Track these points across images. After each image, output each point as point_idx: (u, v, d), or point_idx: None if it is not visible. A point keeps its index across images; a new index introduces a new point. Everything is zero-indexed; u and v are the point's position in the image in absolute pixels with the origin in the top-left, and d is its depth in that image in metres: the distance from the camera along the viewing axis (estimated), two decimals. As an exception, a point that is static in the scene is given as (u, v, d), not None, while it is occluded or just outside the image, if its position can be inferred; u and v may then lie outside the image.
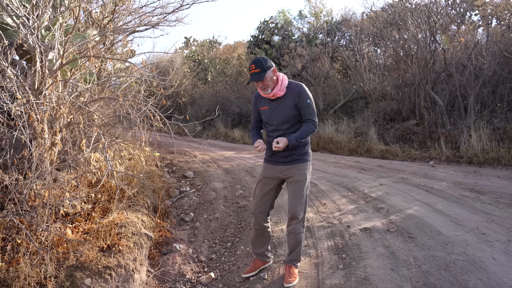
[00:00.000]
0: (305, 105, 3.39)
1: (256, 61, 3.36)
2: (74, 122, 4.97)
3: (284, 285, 3.41)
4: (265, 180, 3.64)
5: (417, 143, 10.12)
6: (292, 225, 3.47)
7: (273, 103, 3.49)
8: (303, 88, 3.45)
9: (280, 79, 3.42)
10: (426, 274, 3.28)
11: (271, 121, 3.52)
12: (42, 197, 4.15)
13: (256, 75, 3.32)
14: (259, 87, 3.41)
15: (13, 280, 3.40)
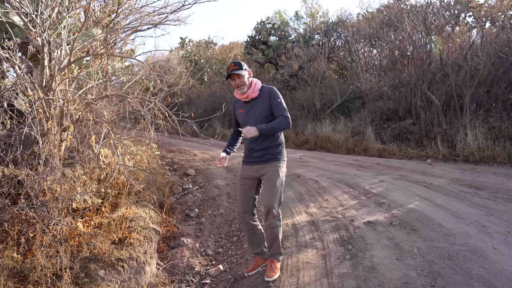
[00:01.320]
0: (275, 103, 3.61)
1: (235, 62, 3.62)
2: (82, 119, 5.06)
3: (265, 279, 3.56)
4: (243, 181, 3.81)
5: (414, 142, 10.29)
6: (269, 219, 3.54)
7: (247, 105, 3.73)
8: (274, 89, 3.72)
9: (254, 83, 3.70)
10: (430, 263, 3.42)
11: (246, 123, 3.68)
12: (54, 191, 4.24)
13: (234, 70, 3.56)
14: (235, 86, 3.63)
15: (29, 271, 3.49)
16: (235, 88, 3.67)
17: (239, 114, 3.79)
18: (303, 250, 4.10)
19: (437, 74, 11.08)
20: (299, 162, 9.08)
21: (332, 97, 14.36)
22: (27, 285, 3.40)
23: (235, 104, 3.89)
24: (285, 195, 6.14)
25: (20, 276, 3.51)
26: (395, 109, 11.88)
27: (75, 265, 3.72)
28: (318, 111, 13.92)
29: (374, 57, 13.70)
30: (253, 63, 19.09)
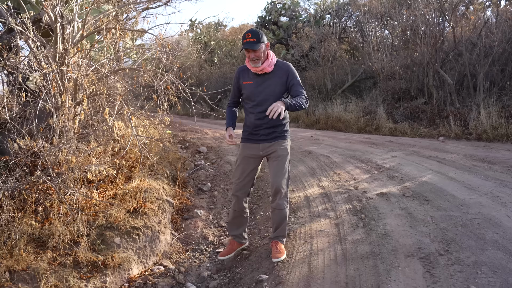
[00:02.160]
0: (295, 82, 3.40)
1: (252, 31, 3.31)
2: (96, 92, 5.10)
3: (273, 260, 3.38)
4: (245, 160, 3.61)
5: (426, 121, 10.21)
6: (276, 200, 3.45)
7: (258, 78, 3.45)
8: (291, 66, 3.48)
9: (270, 56, 3.41)
10: (444, 230, 3.43)
11: (254, 97, 3.48)
12: (69, 162, 4.31)
13: (251, 43, 3.26)
14: (249, 59, 3.35)
15: (47, 237, 3.57)
16: (248, 60, 3.40)
17: (246, 86, 3.51)
18: (316, 219, 4.13)
19: (450, 53, 10.92)
20: (310, 140, 9.08)
21: (343, 77, 14.25)
22: (46, 250, 3.48)
23: (241, 73, 3.57)
24: (297, 170, 6.16)
25: (39, 242, 3.59)
26: (407, 89, 11.76)
27: (91, 232, 3.80)
28: (329, 91, 13.84)
29: (386, 37, 13.52)
30: (263, 43, 18.98)
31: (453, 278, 2.63)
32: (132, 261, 3.77)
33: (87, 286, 3.29)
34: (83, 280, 3.32)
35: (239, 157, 3.67)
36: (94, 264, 3.50)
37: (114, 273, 3.56)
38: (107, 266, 3.54)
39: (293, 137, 9.65)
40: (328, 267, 3.08)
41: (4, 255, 3.23)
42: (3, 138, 4.64)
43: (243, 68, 3.57)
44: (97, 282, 3.39)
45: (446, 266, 2.81)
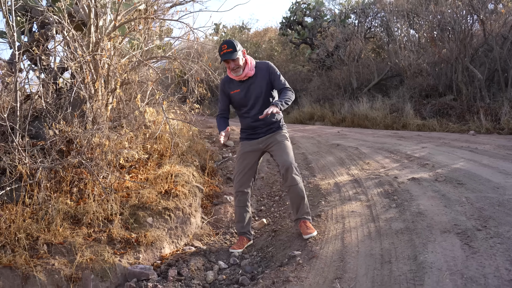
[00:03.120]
0: (276, 77, 3.55)
1: (227, 42, 3.41)
2: (128, 81, 5.20)
3: (304, 237, 3.39)
4: (245, 155, 3.73)
5: (455, 117, 10.00)
6: (289, 177, 3.44)
7: (244, 85, 3.58)
8: (270, 64, 3.62)
9: (248, 60, 3.53)
10: (480, 209, 3.34)
11: (245, 102, 3.62)
12: (102, 146, 4.40)
13: (228, 54, 3.36)
14: (230, 69, 3.47)
15: (82, 215, 3.65)
16: (229, 70, 3.52)
17: (235, 95, 3.64)
18: (347, 202, 4.09)
19: (480, 48, 10.71)
20: (337, 135, 9.02)
21: (369, 76, 14.13)
22: (81, 227, 3.55)
23: (227, 84, 3.67)
24: (325, 160, 6.13)
25: (74, 219, 3.67)
26: (435, 85, 11.57)
27: (124, 211, 3.86)
28: (355, 90, 13.74)
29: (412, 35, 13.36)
30: (288, 44, 19.00)
31: (493, 249, 2.57)
32: (164, 240, 3.81)
33: (121, 261, 3.34)
34: (117, 256, 3.37)
35: (239, 154, 3.81)
36: (127, 241, 3.56)
37: (147, 250, 3.60)
38: (140, 243, 3.58)
39: (319, 133, 9.63)
40: (362, 242, 3.04)
41: (41, 229, 3.31)
42: (40, 124, 4.79)
43: (227, 79, 3.68)
44: (131, 258, 3.44)
45: (485, 239, 2.74)
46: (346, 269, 2.64)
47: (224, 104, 3.76)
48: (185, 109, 5.14)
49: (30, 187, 3.74)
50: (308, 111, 13.97)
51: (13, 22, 4.10)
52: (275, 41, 21.62)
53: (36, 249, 3.15)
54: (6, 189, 3.62)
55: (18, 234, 3.15)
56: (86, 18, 5.33)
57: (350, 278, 2.51)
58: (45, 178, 3.88)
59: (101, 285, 3.12)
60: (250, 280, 3.09)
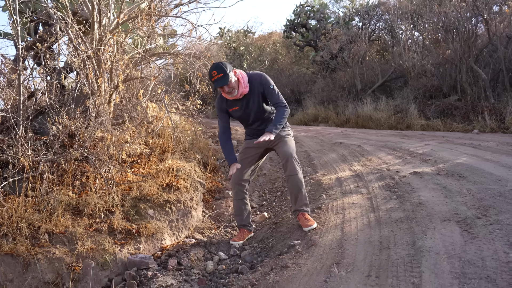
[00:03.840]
0: (269, 91, 3.51)
1: (216, 67, 3.32)
2: (130, 77, 5.23)
3: (304, 230, 3.35)
4: (248, 149, 3.76)
5: (460, 117, 9.96)
6: (288, 166, 3.43)
7: (241, 102, 3.56)
8: (263, 76, 3.56)
9: (241, 78, 3.47)
10: (481, 199, 3.33)
11: (246, 118, 3.65)
12: (105, 140, 4.43)
13: (221, 80, 3.29)
14: (224, 92, 3.43)
15: (84, 206, 3.67)
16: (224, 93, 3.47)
17: (234, 112, 3.63)
18: (348, 195, 4.09)
19: (484, 48, 10.68)
20: (340, 135, 9.02)
21: (373, 78, 14.12)
22: (82, 217, 3.58)
23: (223, 103, 3.63)
24: (328, 157, 6.13)
25: (76, 210, 3.69)
26: (439, 86, 11.54)
27: (126, 203, 3.88)
28: (359, 91, 13.73)
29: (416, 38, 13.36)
30: (292, 46, 19.04)
31: (492, 234, 2.55)
32: (164, 232, 3.82)
33: (121, 251, 3.35)
34: (117, 246, 3.39)
35: (242, 148, 3.86)
36: (128, 231, 3.58)
37: (148, 241, 3.62)
38: (140, 234, 3.60)
39: (323, 133, 9.63)
40: (361, 231, 3.04)
41: (43, 219, 3.34)
42: (43, 119, 4.84)
43: (223, 98, 3.63)
44: (131, 248, 3.45)
45: (485, 226, 2.73)
46: (345, 256, 2.63)
47: (224, 121, 3.71)
48: (188, 105, 5.15)
49: (33, 179, 3.77)
50: (312, 112, 13.98)
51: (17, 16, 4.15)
52: (279, 44, 21.67)
53: (37, 238, 3.18)
54: (9, 180, 3.66)
55: (19, 223, 3.18)
56: (89, 16, 5.38)
57: (348, 263, 2.51)
58: (48, 171, 3.91)
59: (101, 274, 3.14)
60: (250, 269, 3.09)
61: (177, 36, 6.31)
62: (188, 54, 5.15)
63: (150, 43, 5.68)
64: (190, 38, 5.72)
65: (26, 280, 2.83)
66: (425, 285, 2.05)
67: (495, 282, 2.00)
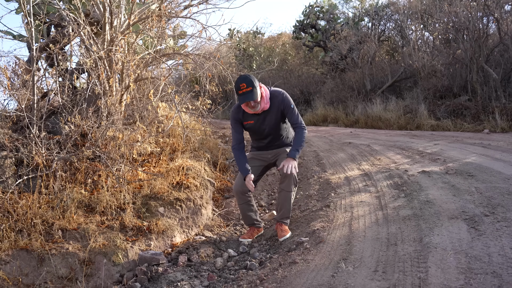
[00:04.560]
0: (290, 110, 3.54)
1: (245, 79, 3.30)
2: (141, 77, 5.31)
3: (279, 240, 3.49)
4: (252, 160, 3.77)
5: (470, 117, 9.90)
6: (286, 181, 3.47)
7: (259, 116, 3.57)
8: (285, 94, 3.57)
9: (264, 93, 3.47)
10: (489, 198, 3.34)
11: (260, 132, 3.66)
12: (116, 139, 4.50)
13: (249, 94, 3.29)
14: (249, 105, 3.41)
15: (96, 204, 3.74)
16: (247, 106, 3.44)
17: (248, 125, 3.64)
18: (356, 194, 4.12)
19: (494, 48, 10.61)
20: (349, 135, 9.03)
21: (382, 78, 14.09)
22: (94, 214, 3.65)
23: (239, 115, 3.62)
24: (337, 157, 6.15)
25: (88, 207, 3.77)
26: (449, 86, 11.48)
27: (137, 201, 3.95)
28: (368, 92, 13.70)
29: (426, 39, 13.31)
30: (302, 47, 19.05)
31: (499, 231, 2.57)
32: (175, 229, 3.88)
33: (132, 247, 3.42)
34: (129, 242, 3.45)
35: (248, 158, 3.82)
36: (139, 228, 3.64)
37: (158, 238, 3.68)
38: (151, 231, 3.66)
39: (332, 133, 9.64)
40: (369, 228, 3.07)
41: (56, 216, 3.41)
42: (56, 119, 4.93)
43: (240, 109, 3.62)
44: (142, 245, 3.52)
45: (492, 223, 2.75)
46: (352, 252, 2.67)
47: (238, 133, 3.68)
48: (198, 105, 5.22)
49: (46, 177, 3.85)
50: (321, 113, 13.98)
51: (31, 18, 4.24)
52: (288, 45, 21.70)
53: (51, 234, 3.26)
54: (24, 178, 3.74)
55: (34, 219, 3.26)
56: (101, 17, 5.47)
57: (355, 259, 2.54)
58: (61, 169, 3.99)
59: (113, 269, 3.20)
60: (259, 265, 3.13)
61: (187, 37, 6.36)
62: (198, 54, 5.21)
63: (161, 44, 5.75)
64: (200, 38, 5.77)
65: (40, 274, 2.90)
66: (431, 279, 2.08)
67: (501, 277, 2.02)
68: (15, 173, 3.87)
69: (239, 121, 3.65)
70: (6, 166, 3.81)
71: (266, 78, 18.98)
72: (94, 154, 4.36)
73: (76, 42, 5.35)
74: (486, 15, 10.58)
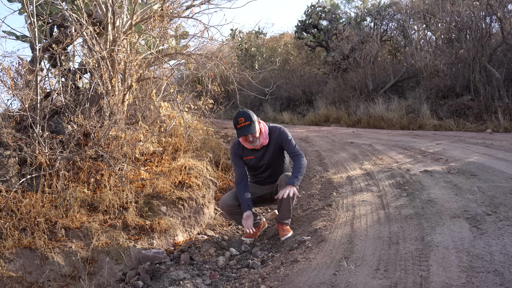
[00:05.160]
0: (287, 142, 3.59)
1: (243, 114, 3.40)
2: (143, 77, 5.33)
3: (281, 239, 3.49)
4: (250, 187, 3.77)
5: (473, 117, 9.89)
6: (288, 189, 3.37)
7: (258, 152, 3.64)
8: (282, 129, 3.64)
9: (263, 129, 3.55)
10: (492, 197, 3.34)
11: (258, 168, 3.72)
12: (119, 138, 4.52)
13: (247, 128, 3.37)
14: (248, 140, 3.47)
15: (99, 202, 3.75)
16: (245, 141, 3.52)
17: (248, 160, 3.70)
18: (358, 193, 4.12)
19: (497, 48, 10.60)
20: (352, 135, 9.03)
21: (385, 78, 14.08)
22: (97, 213, 3.66)
23: (239, 150, 3.70)
24: (339, 156, 6.16)
25: (91, 206, 3.78)
26: (452, 86, 11.46)
27: (139, 200, 3.96)
28: (370, 91, 13.70)
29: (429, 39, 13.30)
30: (304, 47, 19.04)
31: (501, 230, 2.57)
32: (177, 228, 3.90)
33: (135, 246, 3.43)
34: (131, 241, 3.47)
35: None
36: (141, 227, 3.65)
37: (161, 237, 3.69)
38: (154, 230, 3.68)
39: (334, 133, 9.64)
40: (371, 227, 3.07)
41: (60, 215, 3.43)
42: (59, 119, 4.95)
43: (239, 145, 3.70)
44: (145, 244, 3.53)
45: (494, 222, 2.75)
46: (354, 251, 2.67)
47: (240, 167, 3.71)
48: (200, 104, 5.23)
49: (49, 176, 3.87)
50: (323, 113, 13.97)
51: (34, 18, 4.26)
52: (290, 45, 21.69)
53: (54, 233, 3.27)
54: (27, 177, 3.75)
55: (37, 218, 3.27)
56: (103, 18, 5.49)
57: (357, 257, 2.54)
58: (64, 168, 4.01)
59: (116, 268, 3.22)
60: (261, 264, 3.14)
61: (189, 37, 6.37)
62: (200, 54, 5.22)
63: (163, 44, 5.77)
64: (202, 38, 5.78)
65: (44, 272, 2.92)
66: (432, 278, 2.08)
67: (503, 275, 2.02)
68: (19, 172, 3.89)
69: (239, 156, 3.71)
70: (9, 165, 3.83)
71: (268, 78, 18.97)
72: (96, 153, 4.38)
73: (79, 42, 5.36)
74: (489, 14, 10.56)
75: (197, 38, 6.13)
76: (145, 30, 5.90)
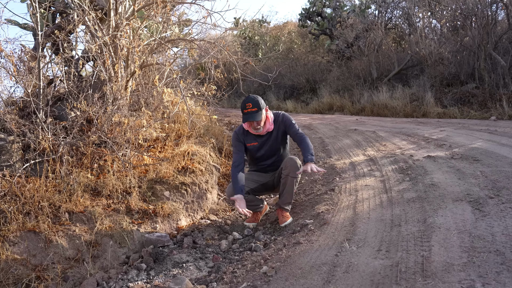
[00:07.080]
0: (291, 126, 3.61)
1: (251, 100, 3.41)
2: (146, 63, 5.31)
3: (280, 225, 3.50)
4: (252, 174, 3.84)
5: (477, 105, 9.83)
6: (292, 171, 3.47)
7: (262, 138, 3.65)
8: (285, 116, 3.65)
9: (269, 116, 3.57)
10: (495, 181, 3.33)
11: (262, 154, 3.72)
12: (122, 124, 4.52)
13: (254, 114, 3.39)
14: (253, 126, 3.49)
15: (102, 187, 3.77)
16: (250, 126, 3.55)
17: (251, 147, 3.70)
18: (361, 178, 4.12)
19: (503, 35, 10.49)
20: (355, 122, 9.00)
21: (389, 66, 13.97)
22: (100, 198, 3.68)
23: (242, 136, 3.68)
24: (342, 143, 6.15)
25: (94, 191, 3.80)
26: (457, 74, 11.37)
27: (142, 185, 3.98)
28: (374, 80, 13.62)
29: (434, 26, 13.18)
30: (307, 35, 18.93)
31: (503, 212, 2.57)
32: (180, 213, 3.91)
33: (138, 230, 3.45)
34: (134, 225, 3.49)
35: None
36: (145, 212, 3.67)
37: (164, 221, 3.71)
38: (157, 214, 3.70)
39: (338, 120, 9.61)
40: (373, 210, 3.07)
41: (63, 199, 3.45)
42: (62, 105, 4.96)
43: (243, 131, 3.69)
44: (148, 227, 3.55)
45: (497, 204, 2.74)
46: (356, 233, 2.68)
47: (239, 154, 3.68)
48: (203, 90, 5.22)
49: (53, 162, 3.89)
50: (327, 101, 13.91)
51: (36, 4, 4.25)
52: (294, 33, 21.56)
53: (58, 217, 3.29)
54: (31, 162, 3.77)
55: (41, 202, 3.29)
56: (105, 4, 5.46)
57: (359, 239, 2.55)
58: (67, 154, 4.02)
59: (119, 251, 3.24)
60: (263, 247, 3.16)
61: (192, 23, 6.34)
62: (203, 39, 5.20)
63: (166, 30, 5.74)
64: (205, 25, 5.74)
65: (48, 255, 2.94)
66: (434, 257, 2.09)
67: (504, 255, 2.02)
68: (22, 158, 3.91)
69: (241, 141, 3.70)
70: (13, 151, 3.85)
71: (272, 67, 18.90)
72: (100, 139, 4.39)
73: (82, 29, 5.35)
74: (494, 1, 10.45)
75: (200, 25, 6.07)
76: (147, 16, 5.87)
